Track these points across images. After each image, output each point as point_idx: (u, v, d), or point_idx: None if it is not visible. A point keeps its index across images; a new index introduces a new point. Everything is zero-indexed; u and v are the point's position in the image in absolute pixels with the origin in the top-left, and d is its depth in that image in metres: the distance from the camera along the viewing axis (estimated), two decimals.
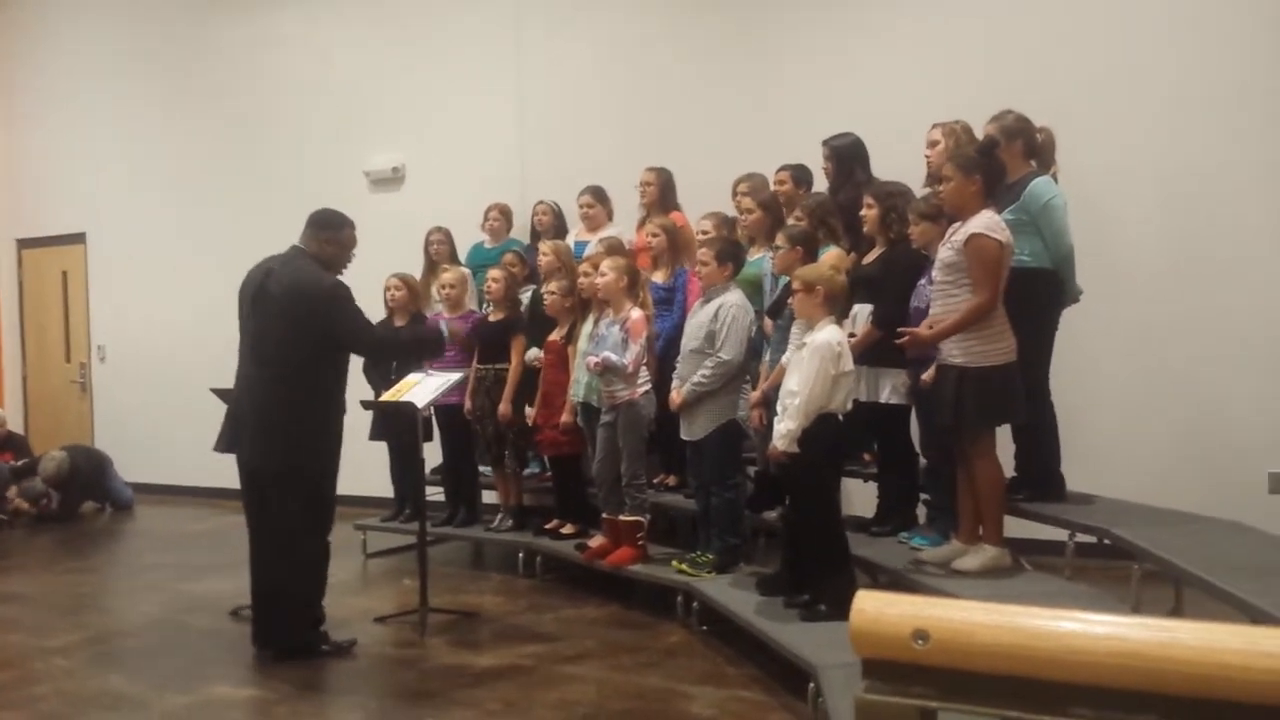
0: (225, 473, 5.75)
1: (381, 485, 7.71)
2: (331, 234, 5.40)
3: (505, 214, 8.12)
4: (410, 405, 5.83)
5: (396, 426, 6.89)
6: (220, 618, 6.06)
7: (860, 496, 6.08)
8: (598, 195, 7.53)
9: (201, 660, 5.37)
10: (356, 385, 6.59)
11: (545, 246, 7.07)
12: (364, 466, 6.88)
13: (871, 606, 1.30)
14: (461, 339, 6.55)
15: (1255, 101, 6.31)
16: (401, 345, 6.10)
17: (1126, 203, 6.55)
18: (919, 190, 5.60)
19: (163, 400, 10.18)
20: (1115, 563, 5.04)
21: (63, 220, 10.96)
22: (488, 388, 7.00)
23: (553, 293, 6.68)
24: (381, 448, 7.45)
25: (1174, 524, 4.93)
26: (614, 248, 6.69)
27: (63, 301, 11.19)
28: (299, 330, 5.12)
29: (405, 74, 9.13)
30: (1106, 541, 4.83)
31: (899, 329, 4.90)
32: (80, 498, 9.71)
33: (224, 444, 5.41)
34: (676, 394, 5.74)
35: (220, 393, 5.95)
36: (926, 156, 5.60)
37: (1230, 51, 6.39)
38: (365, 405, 6.29)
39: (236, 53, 9.97)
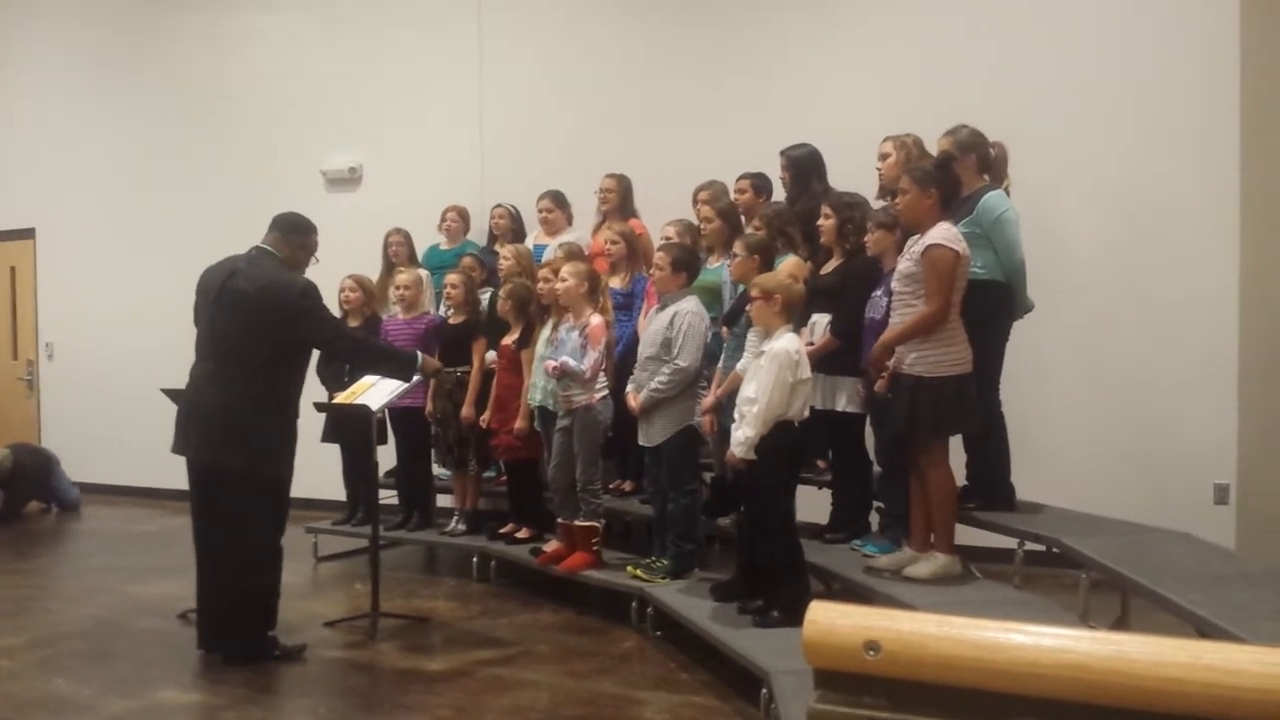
0: (174, 473, 5.68)
1: (333, 488, 7.65)
2: (302, 239, 5.40)
3: (462, 216, 8.10)
4: (364, 408, 5.79)
5: (350, 429, 6.84)
6: (168, 620, 5.98)
7: (814, 503, 6.10)
8: (557, 200, 7.53)
9: (148, 664, 5.29)
10: (310, 387, 6.54)
11: (506, 250, 7.05)
12: (316, 469, 6.82)
13: (823, 617, 1.31)
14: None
15: (1203, 120, 6.43)
16: (376, 352, 5.99)
17: (1076, 217, 6.65)
18: (872, 201, 5.65)
19: (111, 399, 10.03)
20: (1064, 571, 5.10)
21: (12, 215, 10.77)
22: (449, 391, 6.96)
23: (500, 297, 6.68)
24: (334, 450, 7.39)
25: (1121, 534, 5.01)
26: (573, 253, 6.69)
27: (10, 298, 11.00)
28: (267, 330, 5.08)
29: (364, 73, 9.07)
30: (1055, 550, 4.90)
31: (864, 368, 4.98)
32: (25, 497, 9.55)
33: (178, 445, 5.33)
34: (633, 399, 5.75)
35: (171, 393, 5.87)
36: (878, 169, 5.66)
37: (1178, 69, 6.50)
38: (319, 407, 6.23)
39: (193, 49, 9.85)
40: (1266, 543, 5.93)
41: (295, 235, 5.38)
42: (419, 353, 5.91)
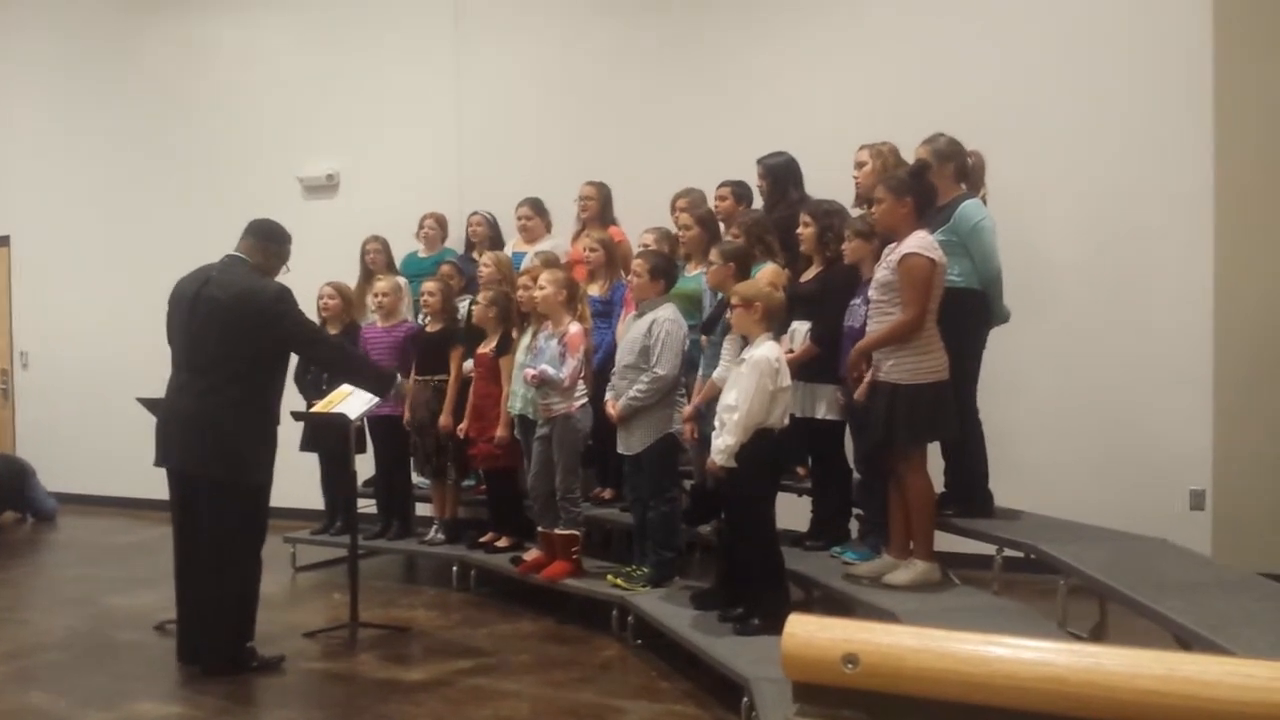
0: (152, 483, 5.65)
1: (312, 497, 7.61)
2: (277, 247, 5.39)
3: (440, 223, 8.07)
4: (342, 417, 5.76)
5: (328, 438, 6.80)
6: (145, 632, 5.93)
7: (793, 511, 6.12)
8: (536, 207, 7.52)
9: (125, 676, 5.25)
10: (288, 396, 6.50)
11: (487, 257, 7.03)
12: (294, 478, 6.76)
13: (802, 630, 1.31)
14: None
15: (1178, 130, 6.48)
16: (355, 360, 5.98)
17: (1052, 226, 6.68)
18: (850, 209, 5.67)
19: (88, 408, 9.96)
20: (1042, 577, 5.12)
21: None
22: (426, 399, 6.94)
23: (478, 303, 6.66)
24: (312, 459, 7.34)
25: (1099, 540, 5.03)
26: (549, 260, 6.69)
27: None
28: (242, 336, 5.06)
29: (342, 80, 9.04)
30: (1033, 556, 4.92)
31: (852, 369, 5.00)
32: (0, 507, 9.46)
33: (159, 457, 5.29)
34: (612, 406, 5.74)
35: (147, 402, 5.83)
36: (854, 177, 5.68)
37: (1154, 81, 6.55)
38: (296, 416, 6.21)
39: (170, 56, 9.79)
40: (1242, 548, 5.97)
41: (270, 243, 5.36)
42: (399, 374, 5.88)
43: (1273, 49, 6.22)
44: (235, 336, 5.06)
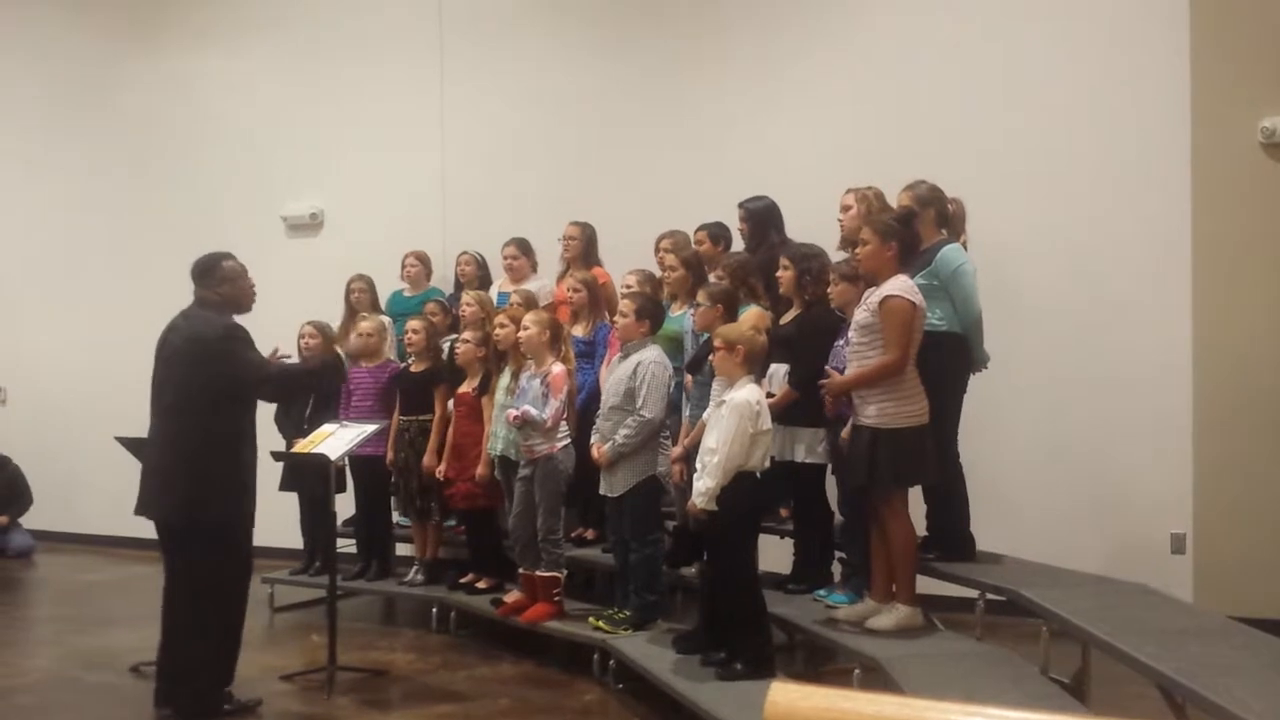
0: (130, 521, 5.58)
1: (291, 537, 7.54)
2: (217, 272, 5.28)
3: (423, 260, 8.05)
4: (322, 457, 5.73)
5: (308, 478, 6.75)
6: (120, 674, 5.86)
7: (776, 553, 6.10)
8: (522, 247, 7.53)
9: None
10: (268, 436, 6.46)
11: (469, 297, 7.02)
12: (273, 518, 6.69)
13: (784, 699, 1.31)
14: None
15: (1156, 177, 6.54)
16: (302, 375, 5.92)
17: (1032, 272, 6.70)
18: (832, 252, 5.70)
19: (66, 445, 9.85)
20: (1025, 620, 5.11)
21: None
22: (410, 439, 6.90)
23: (466, 341, 6.64)
24: (291, 498, 7.29)
25: (1080, 586, 5.05)
26: (529, 300, 6.69)
27: None
28: (197, 377, 5.04)
29: (326, 119, 9.04)
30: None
31: (820, 381, 4.99)
32: None
33: (140, 505, 5.23)
34: (597, 450, 5.73)
35: (126, 441, 5.78)
36: (840, 221, 5.72)
37: (1132, 126, 6.62)
38: (276, 457, 6.16)
39: (152, 92, 9.78)
40: (1223, 592, 5.99)
41: (209, 277, 5.28)
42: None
43: (1250, 101, 6.30)
44: (191, 379, 5.06)
